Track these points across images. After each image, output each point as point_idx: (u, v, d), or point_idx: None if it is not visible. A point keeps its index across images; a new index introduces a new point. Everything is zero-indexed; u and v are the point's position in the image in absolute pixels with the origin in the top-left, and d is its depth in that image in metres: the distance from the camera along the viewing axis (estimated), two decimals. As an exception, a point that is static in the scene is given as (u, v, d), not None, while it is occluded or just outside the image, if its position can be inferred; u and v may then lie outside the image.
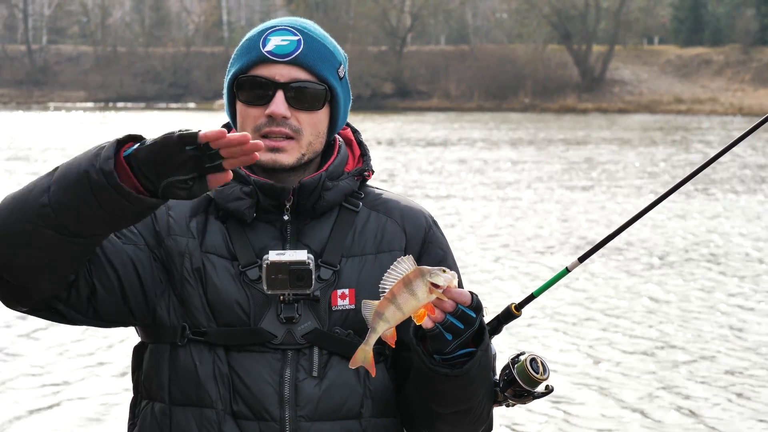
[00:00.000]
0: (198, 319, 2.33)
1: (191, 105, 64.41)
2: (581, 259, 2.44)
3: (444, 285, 2.12)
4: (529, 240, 14.88)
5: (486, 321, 2.36)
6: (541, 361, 2.35)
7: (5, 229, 2.12)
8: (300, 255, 2.29)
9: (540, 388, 2.36)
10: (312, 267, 2.29)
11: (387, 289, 2.11)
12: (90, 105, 64.28)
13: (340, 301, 2.34)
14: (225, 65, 2.49)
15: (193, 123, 42.63)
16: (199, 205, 2.41)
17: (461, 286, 2.45)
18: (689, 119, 49.21)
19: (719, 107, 55.32)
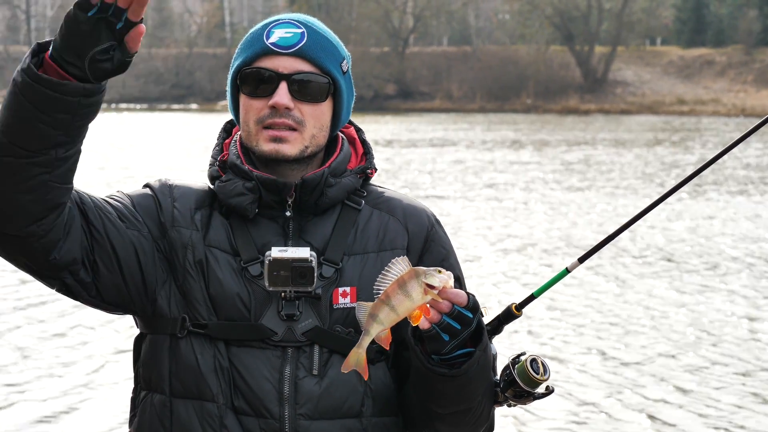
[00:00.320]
0: (199, 312, 2.33)
1: (194, 106, 64.42)
2: (581, 260, 2.43)
3: (439, 286, 2.10)
4: (528, 240, 14.85)
5: (486, 321, 2.35)
6: (542, 362, 2.33)
7: None
8: (302, 252, 2.29)
9: (540, 388, 2.34)
10: (314, 264, 2.28)
11: (382, 291, 2.10)
12: (92, 106, 64.27)
13: (341, 299, 2.33)
14: (227, 66, 2.48)
15: (196, 124, 42.68)
16: (204, 199, 2.41)
17: (464, 285, 2.45)
18: (691, 120, 49.17)
19: (722, 108, 55.30)
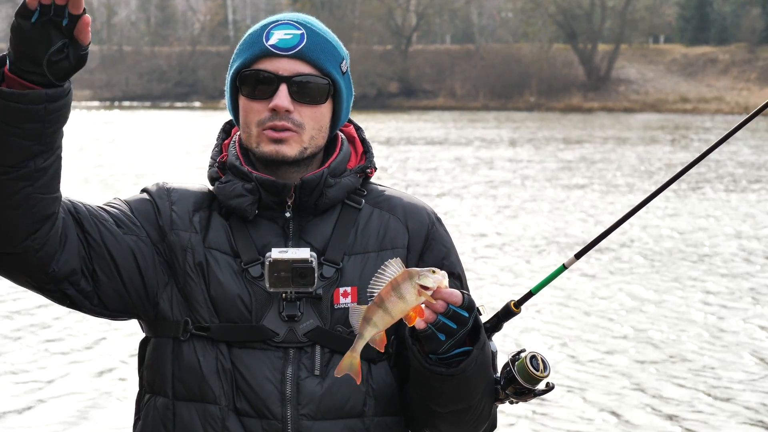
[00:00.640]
0: (201, 314, 2.32)
1: (197, 104, 64.43)
2: (578, 256, 2.43)
3: (433, 286, 2.09)
4: (526, 237, 14.84)
5: (485, 319, 2.35)
6: (542, 359, 2.32)
7: None
8: (302, 253, 2.28)
9: (541, 385, 2.33)
10: (315, 265, 2.28)
11: (375, 293, 2.09)
12: (95, 104, 64.32)
13: (342, 299, 2.32)
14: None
15: (199, 122, 42.67)
16: (203, 201, 2.41)
17: (465, 282, 2.45)
18: (694, 118, 49.11)
19: (725, 106, 55.22)
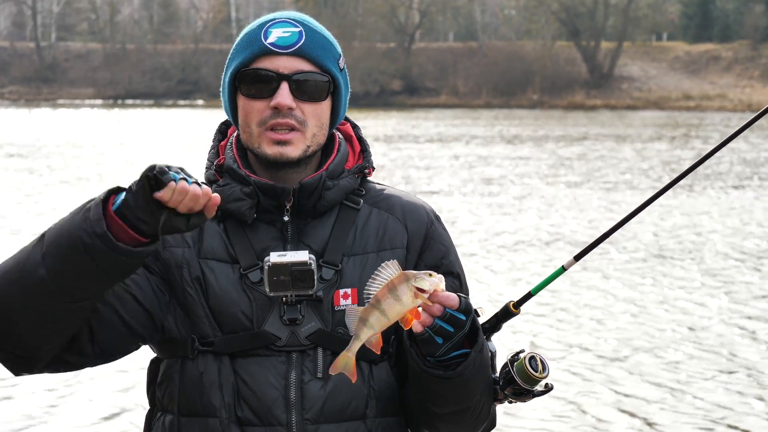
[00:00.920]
0: (204, 330, 2.31)
1: (200, 102, 64.44)
2: (577, 258, 2.43)
3: (430, 289, 2.09)
4: (525, 237, 14.83)
5: (485, 319, 2.35)
6: (541, 359, 2.32)
7: (2, 306, 2.10)
8: (301, 256, 2.27)
9: (540, 386, 2.33)
10: (314, 267, 2.26)
11: (372, 295, 2.08)
12: (98, 102, 64.37)
13: (342, 301, 2.32)
14: (232, 63, 2.46)
15: (202, 119, 42.67)
16: None
17: (464, 281, 2.44)
18: (697, 116, 49.08)
19: (728, 103, 55.17)
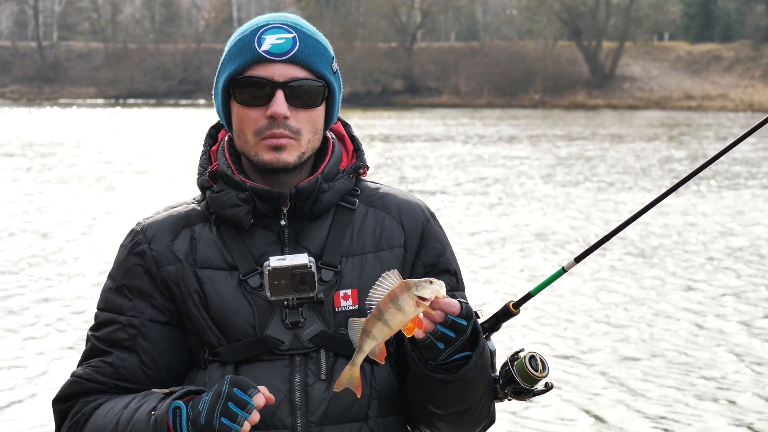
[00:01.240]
0: (210, 340, 2.32)
1: (201, 101, 64.41)
2: (577, 260, 2.43)
3: (431, 297, 2.09)
4: (525, 237, 14.83)
5: (485, 319, 2.36)
6: (540, 359, 2.32)
7: None
8: (301, 259, 2.27)
9: (539, 385, 2.33)
10: (314, 270, 2.27)
11: (374, 305, 2.09)
12: (100, 101, 64.36)
13: (343, 302, 2.32)
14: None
15: (203, 119, 42.66)
16: (180, 222, 2.40)
17: (460, 278, 2.45)
18: (699, 116, 49.06)
19: (729, 103, 55.14)
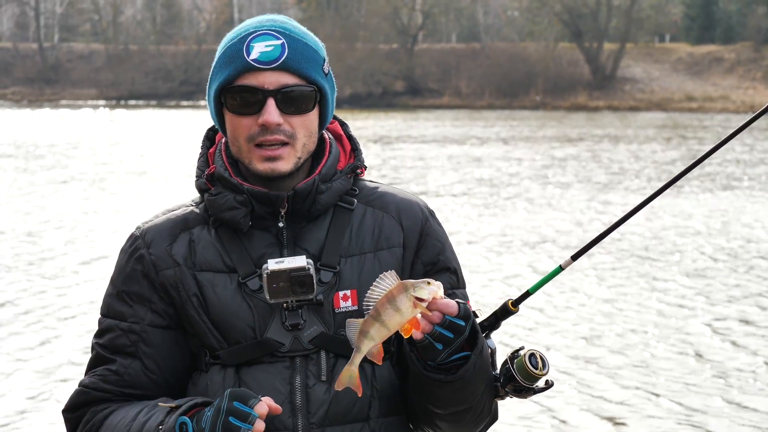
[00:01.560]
0: (210, 343, 2.33)
1: (202, 103, 64.40)
2: (574, 258, 2.43)
3: (428, 298, 2.10)
4: (523, 236, 14.81)
5: (484, 317, 2.37)
6: (540, 356, 2.33)
7: None
8: (299, 261, 2.27)
9: (540, 383, 2.34)
10: (312, 272, 2.27)
11: (371, 306, 2.09)
12: (101, 103, 64.37)
13: (342, 303, 2.32)
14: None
15: (204, 120, 42.67)
16: (179, 226, 2.40)
17: (460, 276, 2.45)
18: (699, 117, 49.03)
19: (731, 105, 55.12)
